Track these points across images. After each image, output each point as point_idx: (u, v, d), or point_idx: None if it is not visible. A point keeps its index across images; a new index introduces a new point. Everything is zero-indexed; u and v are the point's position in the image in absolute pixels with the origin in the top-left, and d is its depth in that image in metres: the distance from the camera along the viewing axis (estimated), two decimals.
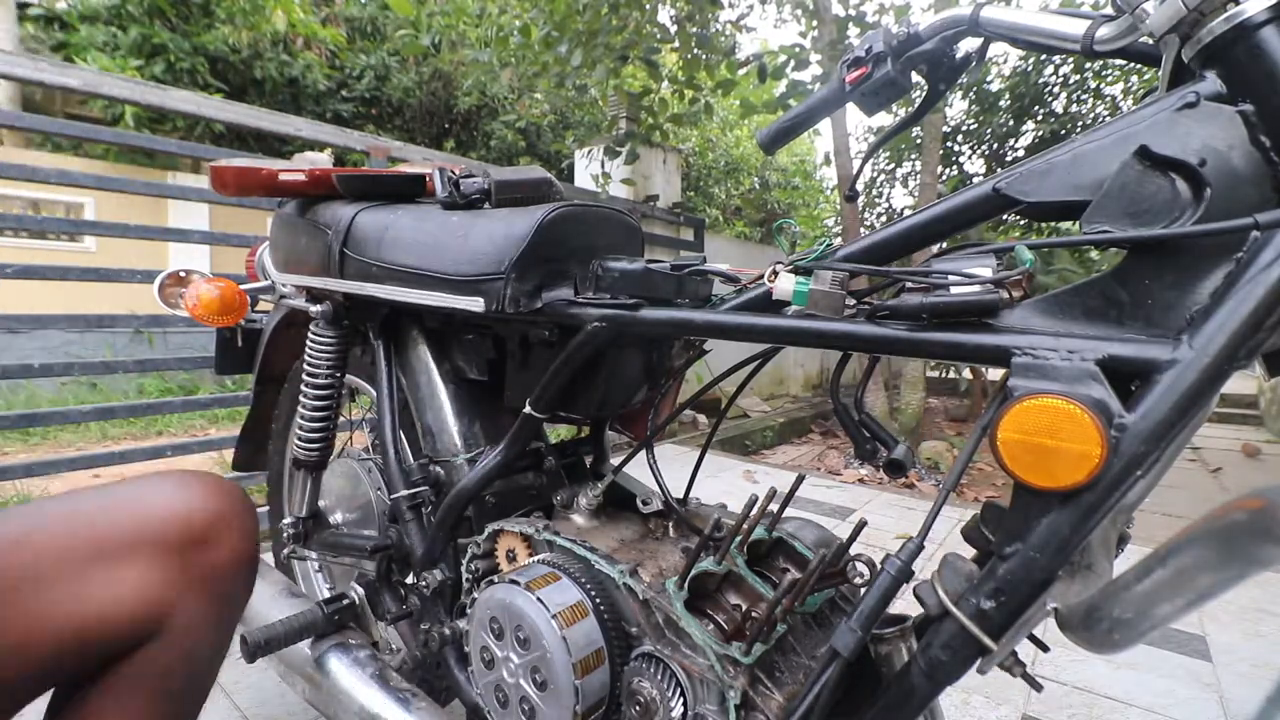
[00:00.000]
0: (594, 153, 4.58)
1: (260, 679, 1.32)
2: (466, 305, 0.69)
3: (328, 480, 1.06)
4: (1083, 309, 0.42)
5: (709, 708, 0.53)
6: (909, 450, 0.53)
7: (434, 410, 0.87)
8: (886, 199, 6.74)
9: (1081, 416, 0.38)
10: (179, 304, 1.02)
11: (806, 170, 9.44)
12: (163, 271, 1.05)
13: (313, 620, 0.87)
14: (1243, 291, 0.37)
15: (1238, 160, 0.40)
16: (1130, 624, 0.35)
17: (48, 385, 4.52)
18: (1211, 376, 0.37)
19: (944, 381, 6.31)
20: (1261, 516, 0.26)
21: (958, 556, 0.48)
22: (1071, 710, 1.31)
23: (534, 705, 0.58)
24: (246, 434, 1.25)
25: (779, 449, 4.63)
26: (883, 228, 0.52)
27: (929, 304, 0.44)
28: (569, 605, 0.58)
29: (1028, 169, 0.45)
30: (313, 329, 0.94)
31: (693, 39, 4.01)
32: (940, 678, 0.45)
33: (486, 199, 0.83)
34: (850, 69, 0.64)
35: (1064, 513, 0.40)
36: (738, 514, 0.59)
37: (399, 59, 6.59)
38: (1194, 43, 0.42)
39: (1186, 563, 0.31)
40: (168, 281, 1.04)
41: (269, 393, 1.21)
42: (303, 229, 0.89)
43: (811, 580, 0.51)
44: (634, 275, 0.65)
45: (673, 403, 0.85)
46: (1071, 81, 5.44)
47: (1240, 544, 0.27)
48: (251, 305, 1.08)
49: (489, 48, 4.42)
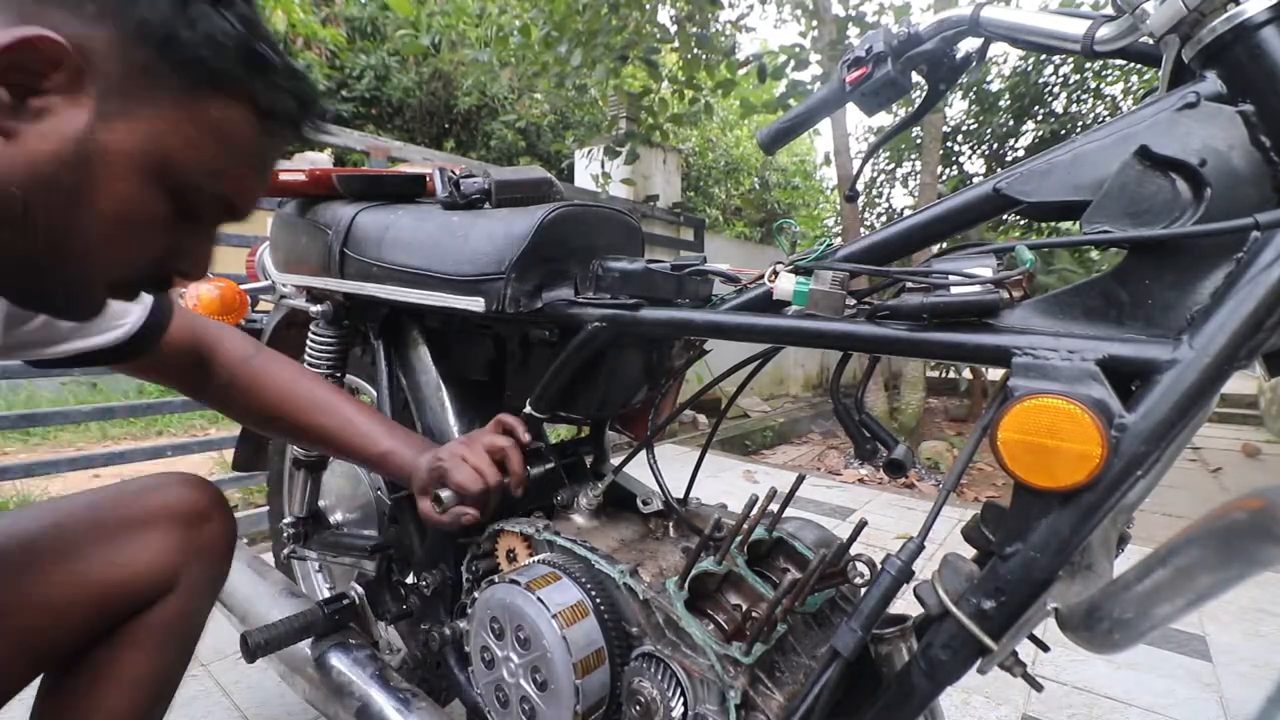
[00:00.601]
0: (594, 153, 4.58)
1: (260, 679, 1.32)
2: (467, 305, 0.69)
3: (328, 480, 1.06)
4: (1083, 309, 0.42)
5: (709, 708, 0.53)
6: (909, 450, 0.53)
7: (434, 410, 0.87)
8: (886, 199, 6.75)
9: (1082, 416, 0.38)
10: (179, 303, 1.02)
11: (806, 170, 9.43)
12: None
13: (313, 620, 0.87)
14: (1243, 291, 0.37)
15: (1238, 160, 0.40)
16: (1130, 624, 0.35)
17: (48, 385, 4.52)
18: (1212, 376, 0.38)
19: (944, 381, 6.31)
20: (1262, 516, 0.26)
21: (958, 556, 0.48)
22: (1071, 710, 1.31)
23: (534, 705, 0.58)
24: (246, 434, 1.25)
25: (779, 449, 4.63)
26: (883, 228, 0.52)
27: (929, 304, 0.44)
28: (569, 605, 0.58)
29: (1028, 169, 0.45)
30: (313, 329, 0.94)
31: (693, 39, 4.01)
32: (941, 678, 0.45)
33: (487, 199, 0.84)
34: (850, 69, 0.64)
35: (1064, 513, 0.40)
36: (738, 514, 0.59)
37: (399, 59, 6.59)
38: (1194, 43, 0.42)
39: (1186, 563, 0.31)
40: None
41: None
42: (303, 229, 0.89)
43: (812, 580, 0.51)
44: (634, 275, 0.65)
45: (673, 403, 0.85)
46: (1071, 82, 5.44)
47: (1240, 544, 0.27)
48: (252, 305, 1.09)
49: (489, 48, 4.41)
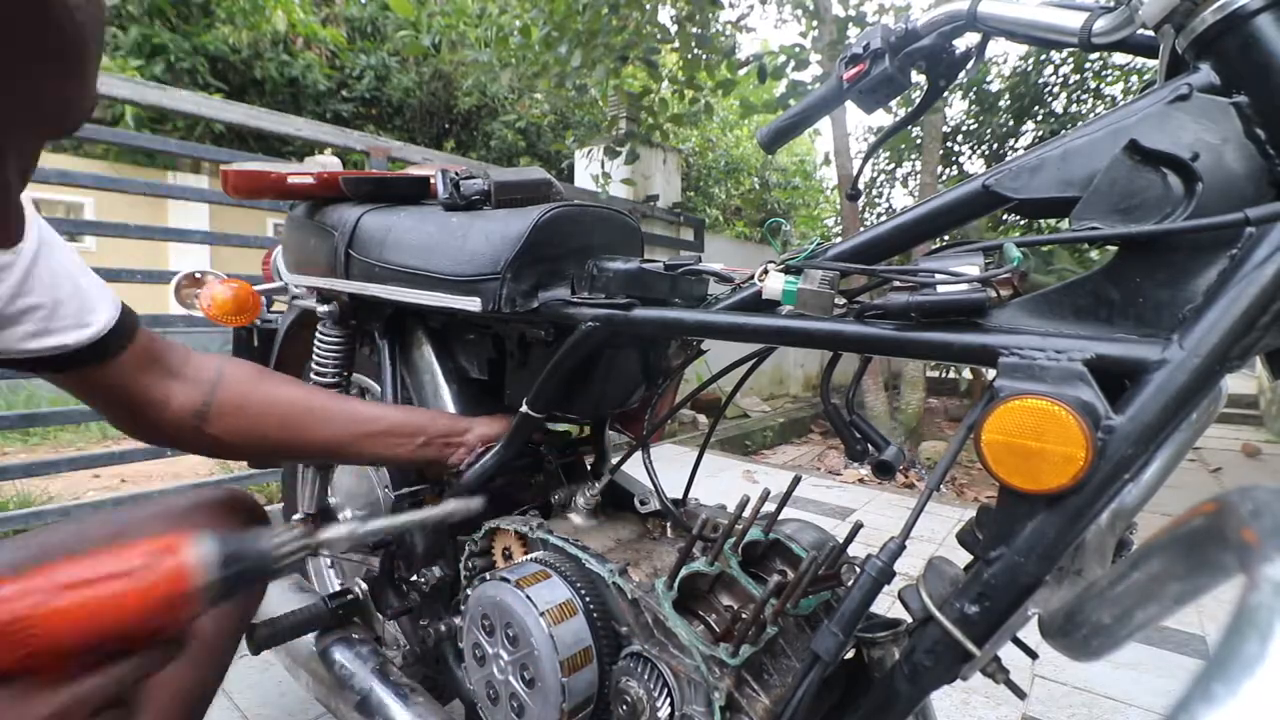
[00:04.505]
0: (594, 153, 4.58)
1: (260, 679, 1.32)
2: (464, 305, 0.70)
3: (339, 477, 1.07)
4: (1072, 308, 0.41)
5: (696, 708, 0.53)
6: (899, 451, 0.53)
7: (437, 409, 0.87)
8: (886, 199, 6.75)
9: (1066, 418, 0.37)
10: (194, 304, 1.04)
11: (806, 170, 9.43)
12: (179, 273, 1.06)
13: (317, 614, 0.89)
14: (1235, 289, 0.36)
15: (1232, 154, 0.39)
16: (1108, 630, 0.34)
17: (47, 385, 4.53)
18: (1203, 377, 0.37)
19: (944, 381, 6.30)
20: (1217, 520, 0.25)
21: (944, 560, 0.48)
22: (1071, 710, 1.31)
23: (523, 702, 0.58)
24: None
25: (779, 449, 4.63)
26: (873, 226, 0.51)
27: (915, 303, 0.43)
28: (558, 603, 0.58)
29: (1018, 165, 0.44)
30: (320, 329, 0.95)
31: (693, 39, 4.00)
32: (924, 682, 0.44)
33: (487, 200, 0.84)
34: (848, 66, 0.63)
35: (1049, 517, 0.39)
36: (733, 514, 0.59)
37: (399, 59, 6.59)
38: (1187, 33, 0.41)
39: (1155, 570, 0.30)
40: (184, 282, 1.05)
41: None
42: (311, 231, 0.91)
43: (803, 583, 0.51)
44: (628, 275, 0.65)
45: (670, 403, 0.85)
46: (1071, 82, 5.44)
47: (1201, 551, 0.26)
48: (267, 306, 1.10)
49: (489, 48, 4.42)
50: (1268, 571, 0.20)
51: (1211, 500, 0.26)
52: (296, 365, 1.19)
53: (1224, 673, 0.19)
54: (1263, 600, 0.20)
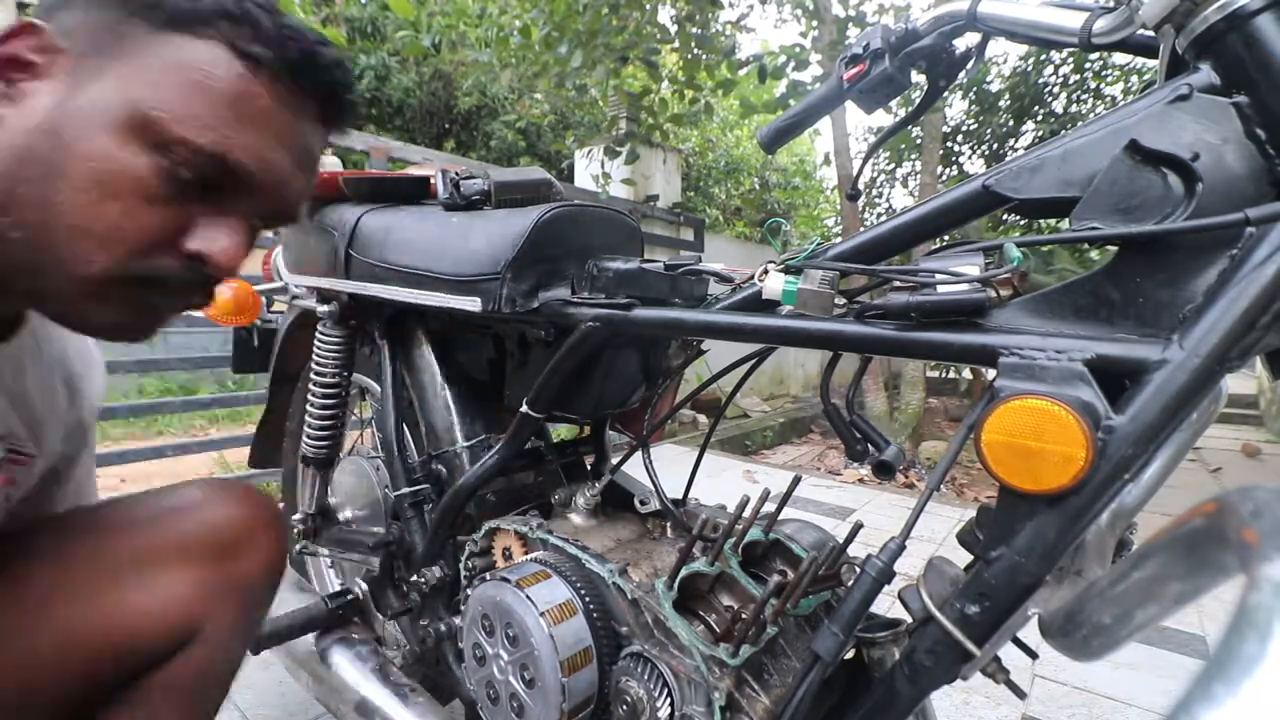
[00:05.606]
0: (594, 153, 4.58)
1: (260, 679, 1.32)
2: (464, 305, 0.70)
3: (338, 478, 1.08)
4: (1073, 308, 0.41)
5: (696, 709, 0.53)
6: (899, 451, 0.53)
7: (437, 409, 0.88)
8: (886, 199, 6.74)
9: (1066, 418, 0.37)
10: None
11: (806, 170, 9.42)
12: None
13: (317, 614, 0.89)
14: (1235, 290, 0.36)
15: (1232, 154, 0.39)
16: (1108, 630, 0.34)
17: None
18: (1203, 377, 0.37)
19: (945, 381, 6.30)
20: (1216, 520, 0.25)
21: (944, 560, 0.48)
22: (1071, 710, 1.31)
23: (523, 702, 0.58)
24: (262, 430, 1.26)
25: (779, 449, 4.63)
26: (873, 226, 0.51)
27: (915, 303, 0.43)
28: (558, 604, 0.58)
29: (1018, 165, 0.44)
30: (320, 329, 0.95)
31: (693, 39, 4.00)
32: (924, 683, 0.44)
33: (487, 200, 0.85)
34: (848, 66, 0.63)
35: (1049, 517, 0.39)
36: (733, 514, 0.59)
37: (399, 59, 6.59)
38: (1187, 33, 0.41)
39: (1155, 570, 0.30)
40: None
41: (284, 391, 1.22)
42: (312, 231, 0.91)
43: (803, 583, 0.51)
44: (628, 275, 0.65)
45: (670, 403, 0.85)
46: (1071, 82, 5.43)
47: (1201, 551, 0.26)
48: (267, 306, 1.11)
49: (489, 48, 4.41)
50: (1268, 571, 0.21)
51: (1211, 500, 0.26)
52: (296, 364, 1.19)
53: (1224, 673, 0.19)
54: (1263, 600, 0.20)
